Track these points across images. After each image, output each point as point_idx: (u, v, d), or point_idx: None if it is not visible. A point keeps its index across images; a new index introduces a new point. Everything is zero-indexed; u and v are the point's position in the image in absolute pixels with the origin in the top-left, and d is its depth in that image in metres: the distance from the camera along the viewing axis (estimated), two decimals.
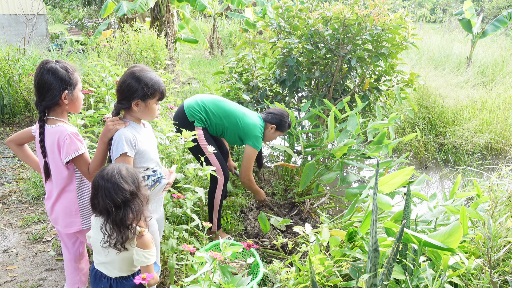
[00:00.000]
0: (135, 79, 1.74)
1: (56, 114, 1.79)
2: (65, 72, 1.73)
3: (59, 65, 1.74)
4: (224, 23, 17.15)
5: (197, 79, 9.35)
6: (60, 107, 1.78)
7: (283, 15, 4.11)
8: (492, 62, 8.76)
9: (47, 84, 1.70)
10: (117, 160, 1.71)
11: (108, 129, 1.74)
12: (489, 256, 1.69)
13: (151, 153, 1.85)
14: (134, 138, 1.76)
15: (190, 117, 2.76)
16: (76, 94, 1.80)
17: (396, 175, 2.13)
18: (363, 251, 1.94)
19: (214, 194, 2.88)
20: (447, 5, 24.56)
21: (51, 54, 7.35)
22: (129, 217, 1.51)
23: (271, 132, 3.00)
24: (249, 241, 2.11)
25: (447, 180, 4.67)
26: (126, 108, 1.78)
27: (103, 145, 1.78)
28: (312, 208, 3.47)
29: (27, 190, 3.69)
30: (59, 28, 17.24)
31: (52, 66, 1.72)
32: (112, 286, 1.66)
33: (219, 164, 2.82)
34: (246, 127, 2.83)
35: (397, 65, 4.06)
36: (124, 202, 1.49)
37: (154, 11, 7.98)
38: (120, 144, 1.71)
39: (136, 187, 1.54)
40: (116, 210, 1.49)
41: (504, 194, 2.04)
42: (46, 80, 1.70)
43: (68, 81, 1.74)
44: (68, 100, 1.76)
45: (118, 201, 1.48)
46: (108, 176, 1.50)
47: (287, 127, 3.06)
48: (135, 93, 1.74)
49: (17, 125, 5.54)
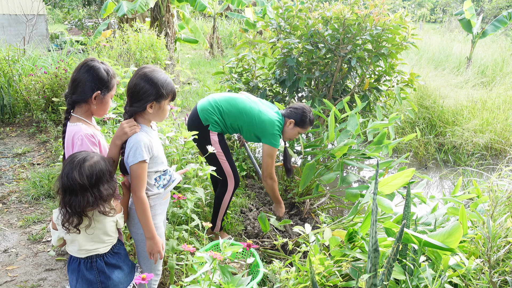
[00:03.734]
0: (148, 80, 1.71)
1: (81, 113, 1.78)
2: (105, 74, 1.75)
3: (103, 66, 1.76)
4: (224, 23, 17.15)
5: (197, 79, 9.35)
6: (87, 106, 1.77)
7: (283, 15, 4.11)
8: (492, 62, 8.77)
9: (83, 80, 1.72)
10: (135, 166, 1.68)
11: (124, 132, 1.70)
12: (488, 256, 1.69)
13: (162, 156, 1.83)
14: (150, 143, 1.73)
15: (205, 121, 2.67)
16: (107, 98, 1.80)
17: (396, 176, 2.13)
18: (363, 251, 1.94)
19: (223, 198, 2.84)
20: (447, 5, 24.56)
21: (51, 54, 7.35)
22: (87, 204, 1.53)
23: (290, 128, 2.83)
24: (249, 241, 2.11)
25: (447, 180, 4.67)
26: (141, 110, 1.74)
27: (115, 148, 1.74)
28: (312, 208, 3.47)
29: (27, 190, 3.69)
30: (59, 28, 17.24)
31: (95, 64, 1.74)
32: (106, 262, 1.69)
33: (232, 171, 2.77)
34: (262, 125, 2.69)
35: (397, 65, 4.07)
36: (82, 188, 1.52)
37: (154, 11, 7.98)
38: (139, 151, 1.67)
39: (91, 183, 1.54)
40: (63, 194, 1.53)
41: (504, 194, 2.04)
42: (83, 76, 1.72)
43: (105, 83, 1.75)
44: (98, 101, 1.76)
45: (76, 186, 1.51)
46: (68, 161, 1.54)
47: (308, 123, 2.84)
48: (150, 95, 1.71)
49: (17, 125, 5.54)
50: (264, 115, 2.70)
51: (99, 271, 1.67)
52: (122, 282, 1.75)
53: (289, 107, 2.90)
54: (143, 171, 1.69)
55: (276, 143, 2.74)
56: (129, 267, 1.82)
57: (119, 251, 1.77)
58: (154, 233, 1.75)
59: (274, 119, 2.72)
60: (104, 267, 1.68)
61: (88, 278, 1.67)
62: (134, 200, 1.72)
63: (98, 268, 1.67)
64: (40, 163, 4.38)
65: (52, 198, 3.58)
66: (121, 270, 1.75)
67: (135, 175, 1.69)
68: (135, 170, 1.68)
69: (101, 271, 1.68)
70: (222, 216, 2.92)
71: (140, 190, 1.70)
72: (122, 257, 1.78)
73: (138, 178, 1.69)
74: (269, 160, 2.77)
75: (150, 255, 1.79)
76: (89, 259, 1.67)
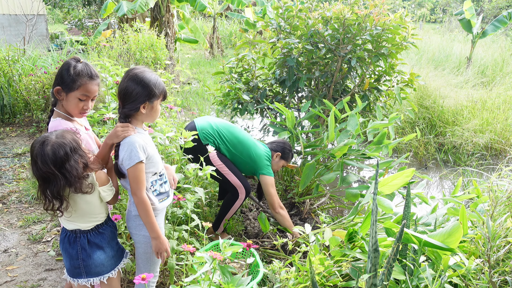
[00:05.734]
0: (140, 82, 1.70)
1: (60, 108, 1.81)
2: (71, 72, 1.76)
3: (75, 64, 1.78)
4: (224, 23, 17.15)
5: (197, 79, 9.35)
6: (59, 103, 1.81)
7: (283, 15, 4.11)
8: (492, 62, 8.76)
9: (56, 75, 1.78)
10: (132, 169, 1.67)
11: (117, 134, 1.69)
12: (488, 256, 1.69)
13: (157, 156, 1.83)
14: (145, 143, 1.73)
15: (204, 140, 2.70)
16: (69, 97, 1.79)
17: (396, 176, 2.13)
18: (363, 251, 1.94)
19: (233, 205, 2.84)
20: (447, 5, 24.56)
21: (51, 54, 7.35)
22: (54, 190, 1.53)
23: (276, 160, 3.04)
24: (249, 241, 2.11)
25: (447, 180, 4.67)
26: (134, 112, 1.73)
27: (105, 147, 1.74)
28: (312, 208, 3.47)
29: (27, 190, 3.69)
30: (59, 28, 17.24)
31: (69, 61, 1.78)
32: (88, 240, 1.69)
33: (239, 180, 2.78)
34: (258, 157, 2.82)
35: (397, 65, 4.06)
36: (44, 178, 1.53)
37: (154, 11, 7.98)
38: (134, 152, 1.66)
39: (57, 166, 1.51)
40: (38, 182, 1.55)
41: (504, 194, 2.04)
42: (58, 72, 1.79)
43: (65, 81, 1.76)
44: (60, 96, 1.79)
45: (41, 172, 1.51)
46: (33, 148, 1.53)
47: (291, 156, 3.11)
48: (142, 96, 1.70)
49: (17, 125, 5.54)
50: (258, 148, 2.87)
51: (81, 248, 1.67)
52: (104, 264, 1.73)
53: (269, 142, 3.12)
54: (141, 173, 1.69)
55: (272, 172, 2.89)
56: (114, 251, 1.79)
57: (104, 231, 1.74)
58: (159, 233, 1.75)
59: (265, 152, 2.90)
60: (86, 244, 1.67)
61: (70, 252, 1.68)
62: (136, 202, 1.71)
63: (81, 245, 1.67)
64: None
65: None
66: (103, 251, 1.72)
67: (133, 178, 1.67)
68: (133, 173, 1.67)
69: (83, 248, 1.67)
70: (227, 220, 2.93)
71: (140, 191, 1.69)
72: (107, 238, 1.75)
73: (137, 180, 1.68)
74: (272, 190, 2.85)
75: (157, 255, 1.78)
76: (73, 233, 1.68)
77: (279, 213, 2.86)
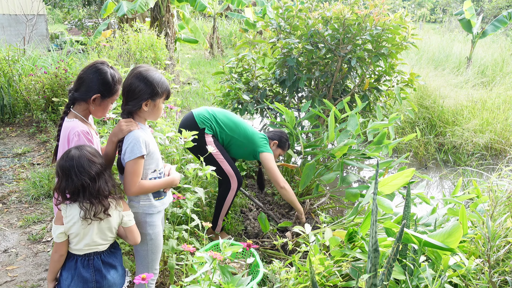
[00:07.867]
0: (143, 79, 1.74)
1: (79, 110, 1.81)
2: (110, 79, 1.79)
3: (110, 71, 1.81)
4: (224, 23, 17.15)
5: (197, 79, 9.35)
6: (86, 105, 1.81)
7: (283, 15, 4.11)
8: (492, 62, 8.76)
9: (88, 80, 1.78)
10: (132, 162, 1.70)
11: (121, 129, 1.73)
12: (488, 256, 1.69)
13: (158, 153, 1.86)
14: (147, 139, 1.76)
15: (201, 124, 2.74)
16: (106, 103, 1.84)
17: (396, 176, 2.13)
18: (363, 251, 1.94)
19: (226, 197, 2.85)
20: (447, 5, 24.56)
21: (51, 54, 7.35)
22: (105, 188, 1.61)
23: (273, 148, 3.08)
24: (249, 241, 2.11)
25: (447, 180, 4.67)
26: (137, 109, 1.77)
27: (111, 145, 1.77)
28: (312, 208, 3.47)
29: (27, 190, 3.70)
30: (59, 28, 17.24)
31: (103, 68, 1.80)
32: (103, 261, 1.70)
33: (232, 170, 2.80)
34: (254, 136, 2.89)
35: (397, 65, 4.06)
36: (97, 174, 1.60)
37: (154, 11, 7.98)
38: (137, 146, 1.69)
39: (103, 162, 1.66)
40: (92, 183, 1.58)
41: (504, 194, 2.04)
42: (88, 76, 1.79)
43: (108, 88, 1.79)
44: (96, 103, 1.79)
45: (92, 174, 1.59)
46: (76, 156, 1.58)
47: (287, 145, 3.16)
48: (145, 93, 1.74)
49: (17, 125, 5.54)
50: (253, 129, 2.95)
51: (95, 270, 1.68)
52: (116, 283, 1.74)
53: (269, 131, 3.19)
54: (139, 167, 1.72)
55: (270, 149, 2.94)
56: (123, 269, 1.83)
57: (115, 250, 1.77)
58: (168, 180, 1.86)
59: (262, 135, 2.97)
60: (100, 265, 1.68)
61: (84, 276, 1.67)
62: (128, 194, 1.76)
63: (95, 266, 1.68)
64: (40, 163, 4.38)
65: (52, 198, 3.58)
66: (116, 270, 1.75)
67: (131, 170, 1.70)
68: (132, 166, 1.70)
69: (97, 269, 1.68)
70: (223, 216, 2.92)
71: (134, 186, 1.72)
72: (118, 257, 1.78)
73: (134, 173, 1.71)
74: (273, 166, 2.87)
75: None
76: (86, 257, 1.67)
77: (283, 188, 2.88)
